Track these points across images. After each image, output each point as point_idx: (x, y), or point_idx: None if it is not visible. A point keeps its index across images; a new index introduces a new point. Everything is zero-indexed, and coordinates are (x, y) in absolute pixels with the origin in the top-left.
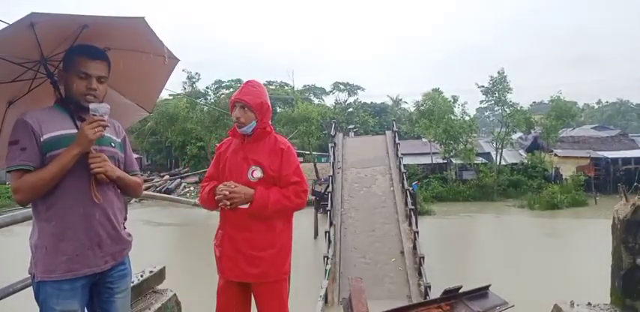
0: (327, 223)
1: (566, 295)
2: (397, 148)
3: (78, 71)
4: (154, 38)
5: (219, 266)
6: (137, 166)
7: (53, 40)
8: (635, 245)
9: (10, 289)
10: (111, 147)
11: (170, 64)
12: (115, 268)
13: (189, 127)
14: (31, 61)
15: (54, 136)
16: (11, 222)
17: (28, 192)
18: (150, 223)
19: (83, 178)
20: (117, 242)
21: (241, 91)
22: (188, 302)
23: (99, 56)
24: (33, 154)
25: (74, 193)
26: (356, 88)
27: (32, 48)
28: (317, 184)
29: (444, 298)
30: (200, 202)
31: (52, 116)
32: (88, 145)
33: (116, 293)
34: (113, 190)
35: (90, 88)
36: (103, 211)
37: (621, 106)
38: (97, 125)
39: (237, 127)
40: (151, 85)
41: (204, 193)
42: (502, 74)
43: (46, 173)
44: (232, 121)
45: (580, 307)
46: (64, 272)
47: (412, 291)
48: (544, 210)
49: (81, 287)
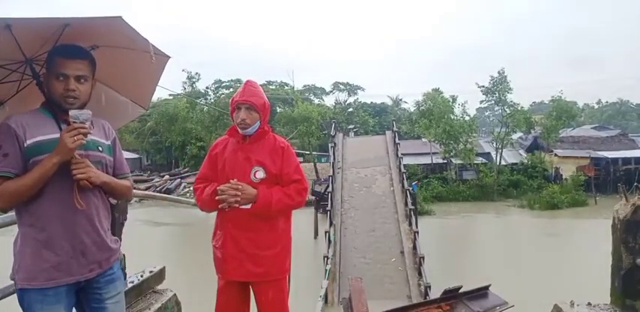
0: (327, 223)
1: (566, 295)
2: (397, 148)
3: (56, 72)
4: (137, 36)
5: (220, 267)
6: (127, 169)
7: (34, 40)
8: (635, 245)
9: (11, 289)
10: (98, 151)
11: (160, 61)
12: (102, 273)
13: (189, 127)
14: (15, 62)
15: (38, 141)
16: (11, 222)
17: (8, 199)
18: (150, 223)
19: (66, 184)
20: (102, 250)
21: (244, 92)
22: (188, 302)
23: (77, 55)
24: (15, 161)
25: (57, 199)
26: (356, 88)
27: (13, 49)
28: (317, 184)
29: (444, 298)
30: (199, 203)
31: (36, 120)
32: (67, 153)
33: (106, 299)
34: (99, 195)
35: (68, 89)
36: (87, 218)
37: (621, 106)
38: (77, 133)
39: (241, 129)
40: (144, 81)
41: (206, 195)
42: (502, 74)
43: (27, 181)
44: (231, 122)
45: (580, 307)
46: (45, 280)
47: (412, 291)
48: (544, 210)
49: (65, 292)
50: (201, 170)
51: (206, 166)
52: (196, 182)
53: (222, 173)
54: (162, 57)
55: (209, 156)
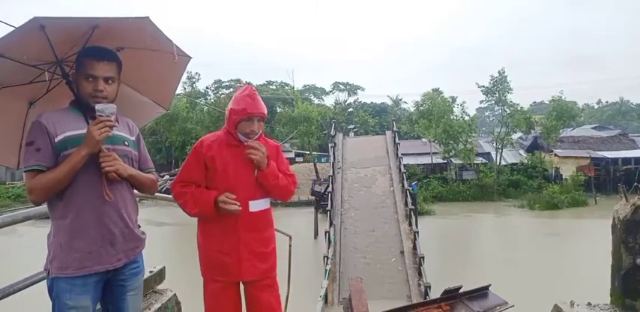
0: (327, 223)
1: (566, 295)
2: (397, 148)
3: (85, 73)
4: (162, 36)
5: (226, 270)
6: (152, 164)
7: (65, 41)
8: (635, 245)
9: (11, 289)
10: (124, 145)
11: (182, 62)
12: (128, 265)
13: (189, 127)
14: (46, 63)
15: (67, 137)
16: (11, 222)
17: (41, 192)
18: (150, 223)
19: (95, 176)
20: (130, 240)
21: (257, 103)
22: (188, 302)
23: (106, 57)
24: (47, 155)
25: (87, 191)
26: (356, 88)
27: (45, 50)
28: (317, 184)
29: (444, 298)
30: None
31: (66, 117)
32: (95, 145)
33: (128, 291)
34: (127, 188)
35: (97, 90)
36: (115, 208)
37: (621, 106)
38: (103, 126)
39: (247, 138)
40: (165, 82)
41: (203, 201)
42: (502, 74)
43: (58, 174)
44: None
45: (580, 307)
46: (76, 269)
47: (412, 291)
48: (544, 210)
49: (93, 283)
50: (185, 172)
51: (194, 167)
52: (179, 186)
53: (223, 176)
54: (184, 57)
55: (200, 157)
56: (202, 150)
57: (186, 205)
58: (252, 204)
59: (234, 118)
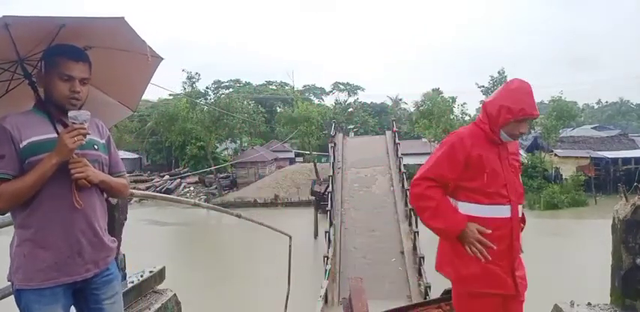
0: (327, 223)
1: (566, 295)
2: (397, 148)
3: (60, 73)
4: (135, 37)
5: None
6: (123, 167)
7: (30, 39)
8: (635, 245)
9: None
10: (94, 150)
11: (153, 63)
12: (99, 274)
13: (189, 127)
14: (6, 62)
15: (32, 142)
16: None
17: (7, 202)
18: (150, 223)
19: (64, 183)
20: (99, 249)
21: (533, 104)
22: (188, 302)
23: (81, 57)
24: (12, 162)
25: (55, 199)
26: (356, 88)
27: (7, 48)
28: (317, 184)
29: (444, 298)
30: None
31: (30, 121)
32: (67, 154)
33: (103, 300)
34: (96, 194)
35: (74, 91)
36: (85, 217)
37: (621, 106)
38: (77, 134)
39: (514, 139)
40: (134, 83)
41: (452, 224)
42: (502, 74)
43: (25, 182)
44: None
45: (580, 307)
46: (42, 280)
47: (412, 291)
48: (544, 210)
49: (62, 292)
50: (436, 169)
51: (451, 165)
52: (426, 185)
53: (492, 181)
54: (156, 58)
55: (461, 155)
56: (467, 147)
57: (425, 212)
58: (519, 209)
59: (507, 118)
